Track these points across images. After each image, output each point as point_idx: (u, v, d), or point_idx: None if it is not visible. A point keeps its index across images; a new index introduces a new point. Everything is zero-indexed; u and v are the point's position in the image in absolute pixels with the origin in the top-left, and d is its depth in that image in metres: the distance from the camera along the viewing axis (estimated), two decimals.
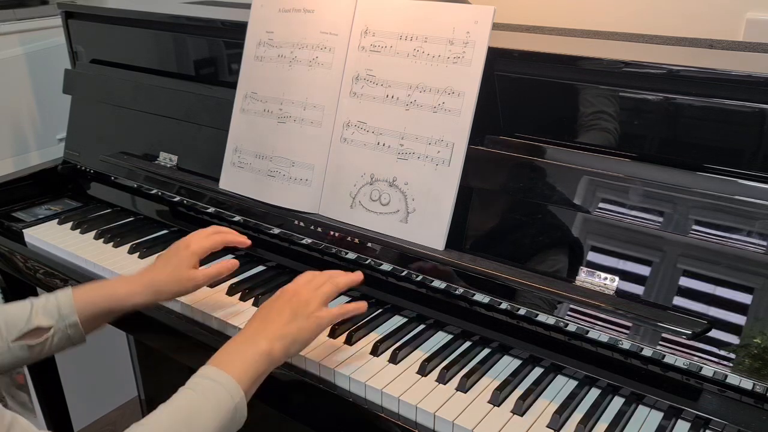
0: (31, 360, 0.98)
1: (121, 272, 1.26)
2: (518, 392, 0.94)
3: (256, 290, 1.18)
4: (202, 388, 0.83)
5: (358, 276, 1.02)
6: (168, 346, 1.21)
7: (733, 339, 0.86)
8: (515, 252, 1.02)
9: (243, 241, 1.13)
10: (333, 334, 1.06)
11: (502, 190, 1.03)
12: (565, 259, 0.98)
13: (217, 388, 0.83)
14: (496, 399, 0.92)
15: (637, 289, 0.93)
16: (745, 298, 0.86)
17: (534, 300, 0.99)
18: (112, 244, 1.38)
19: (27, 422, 0.75)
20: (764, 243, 0.85)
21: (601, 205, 0.95)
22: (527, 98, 1.04)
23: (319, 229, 1.19)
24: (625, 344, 0.92)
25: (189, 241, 1.08)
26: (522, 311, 1.00)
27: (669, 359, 0.90)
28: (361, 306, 0.99)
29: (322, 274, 1.01)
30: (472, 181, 1.04)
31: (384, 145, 1.10)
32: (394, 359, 1.01)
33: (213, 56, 1.43)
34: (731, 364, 0.85)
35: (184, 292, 1.05)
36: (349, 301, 1.16)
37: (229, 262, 1.08)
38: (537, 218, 1.01)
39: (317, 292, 0.96)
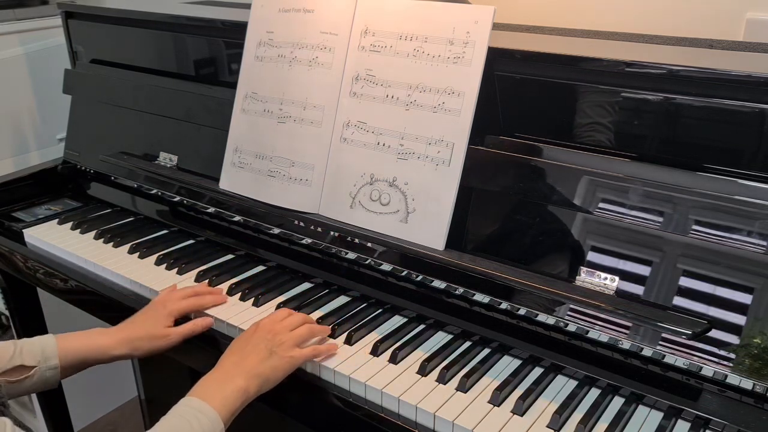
0: (6, 397, 1.01)
1: (121, 272, 1.27)
2: (518, 392, 0.94)
3: (256, 290, 1.18)
4: (190, 417, 0.87)
5: (327, 329, 1.06)
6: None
7: (733, 339, 0.86)
8: (515, 252, 1.02)
9: (220, 300, 1.16)
10: (333, 335, 1.06)
11: (502, 190, 1.03)
12: (565, 259, 0.98)
13: (203, 419, 0.87)
14: (496, 399, 0.92)
15: (637, 289, 0.93)
16: (745, 298, 0.86)
17: (534, 300, 0.99)
18: (112, 244, 1.38)
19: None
20: (764, 243, 0.85)
21: (601, 205, 0.95)
22: (527, 98, 1.04)
23: (319, 229, 1.19)
24: (625, 344, 0.92)
25: (166, 301, 1.11)
26: (522, 311, 1.00)
27: (669, 359, 0.90)
28: (332, 348, 1.02)
29: (297, 314, 1.05)
30: (472, 181, 1.04)
31: (384, 145, 1.10)
32: (394, 359, 1.01)
33: (213, 56, 1.43)
34: (731, 364, 0.85)
35: (157, 349, 1.07)
36: (349, 301, 1.16)
37: (204, 320, 1.10)
38: (537, 218, 1.01)
39: (292, 333, 1.00)
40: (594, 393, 0.95)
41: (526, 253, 1.01)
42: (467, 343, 1.05)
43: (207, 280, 1.22)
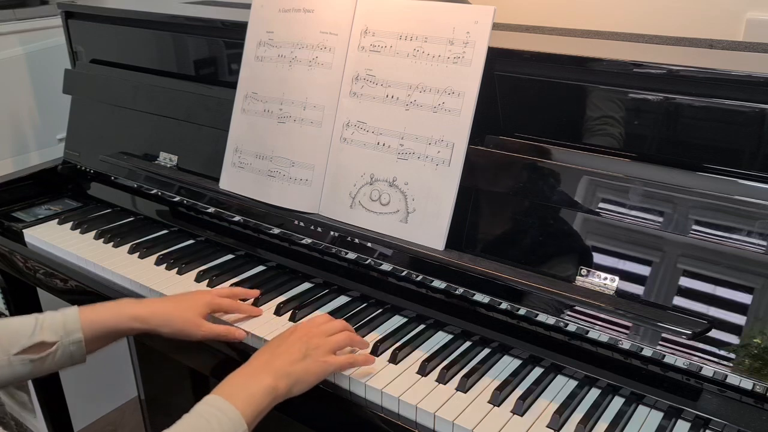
0: (30, 375, 0.98)
1: (121, 272, 1.27)
2: (518, 392, 0.94)
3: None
4: (209, 417, 0.83)
5: (366, 343, 1.03)
6: (168, 346, 1.21)
7: (733, 339, 0.86)
8: (515, 252, 1.02)
9: (255, 313, 1.13)
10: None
11: (502, 190, 1.03)
12: (566, 259, 0.98)
13: (223, 419, 0.83)
14: (496, 399, 0.92)
15: (637, 289, 0.93)
16: (745, 298, 0.86)
17: (534, 300, 0.99)
18: (112, 244, 1.38)
19: None
20: (764, 243, 0.85)
21: (601, 205, 0.95)
22: (527, 98, 1.04)
23: (319, 229, 1.19)
24: (625, 344, 0.92)
25: (208, 293, 1.09)
26: (522, 311, 1.00)
27: (669, 359, 0.90)
28: (370, 359, 0.99)
29: (337, 321, 1.02)
30: (472, 181, 1.04)
31: (384, 145, 1.10)
32: (394, 359, 1.01)
33: (213, 56, 1.44)
34: (731, 364, 0.85)
35: (186, 334, 1.03)
36: (349, 301, 1.16)
37: (237, 332, 1.06)
38: (537, 218, 1.01)
39: (329, 339, 0.97)
40: (594, 393, 0.95)
41: (526, 253, 1.01)
42: (467, 343, 1.05)
43: (207, 280, 1.22)
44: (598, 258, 0.96)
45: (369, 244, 1.13)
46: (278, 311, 1.13)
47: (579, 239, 0.97)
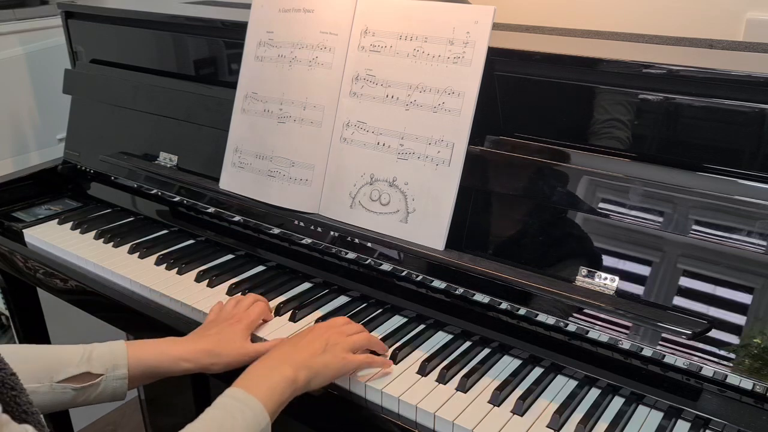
0: (71, 404, 0.96)
1: (121, 272, 1.27)
2: (518, 392, 0.94)
3: (256, 290, 1.18)
4: (233, 409, 0.83)
5: (384, 346, 1.03)
6: None
7: (733, 339, 0.86)
8: (515, 252, 1.02)
9: (269, 317, 1.12)
10: None
11: (502, 190, 1.03)
12: (566, 259, 0.98)
13: (246, 411, 0.83)
14: (496, 399, 0.92)
15: (637, 289, 0.93)
16: (745, 298, 0.86)
17: (534, 300, 0.99)
18: (112, 244, 1.38)
19: None
20: (764, 243, 0.85)
21: (600, 205, 0.95)
22: (527, 98, 1.04)
23: (319, 229, 1.19)
24: (625, 344, 0.92)
25: (239, 315, 1.05)
26: (522, 311, 1.00)
27: (669, 359, 0.90)
28: (387, 363, 0.99)
29: (355, 324, 1.03)
30: (472, 181, 1.04)
31: (384, 145, 1.10)
32: (394, 359, 1.01)
33: (213, 56, 1.44)
34: (731, 364, 0.85)
35: (237, 365, 0.99)
36: (349, 301, 1.17)
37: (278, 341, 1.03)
38: (537, 218, 1.01)
39: (349, 338, 0.98)
40: (594, 393, 0.95)
41: (526, 253, 1.01)
42: (467, 343, 1.05)
43: (207, 280, 1.22)
44: (598, 258, 0.96)
45: (369, 244, 1.13)
46: (278, 311, 1.13)
47: (579, 239, 0.97)
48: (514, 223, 1.03)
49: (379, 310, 1.13)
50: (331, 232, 1.17)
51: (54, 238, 1.40)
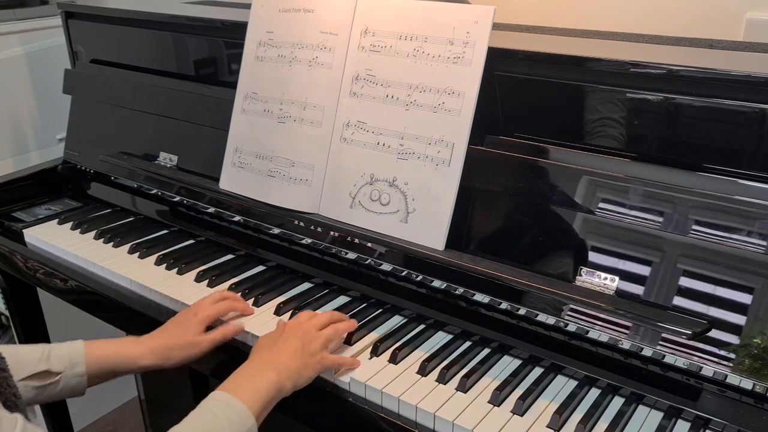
0: (34, 401, 0.99)
1: (121, 272, 1.27)
2: (518, 392, 0.94)
3: (255, 290, 1.18)
4: (218, 411, 0.85)
5: (353, 323, 1.06)
6: None
7: (733, 339, 0.86)
8: (515, 252, 1.02)
9: (249, 311, 1.13)
10: None
11: (502, 190, 1.03)
12: (566, 259, 0.98)
13: (231, 414, 0.85)
14: (496, 399, 0.92)
15: (637, 289, 0.93)
16: (745, 298, 0.86)
17: (534, 300, 0.99)
18: (112, 244, 1.38)
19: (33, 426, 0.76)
20: (764, 243, 0.85)
21: (601, 205, 0.95)
22: (527, 98, 1.04)
23: (319, 229, 1.19)
24: (625, 344, 0.92)
25: (197, 310, 1.09)
26: (522, 311, 1.00)
27: (669, 359, 0.90)
28: (356, 363, 1.01)
29: (322, 314, 1.04)
30: (472, 181, 1.04)
31: (384, 145, 1.10)
32: (394, 359, 1.01)
33: (213, 56, 1.44)
34: (731, 364, 0.85)
35: (190, 358, 1.04)
36: (348, 301, 1.17)
37: (236, 326, 1.08)
38: (537, 218, 1.01)
39: (320, 334, 0.99)
40: (594, 393, 0.95)
41: (526, 253, 1.01)
42: (467, 343, 1.05)
43: (207, 280, 1.22)
44: (598, 258, 0.96)
45: (369, 244, 1.13)
46: (278, 311, 1.13)
47: (579, 239, 0.97)
48: (514, 223, 1.03)
49: (379, 310, 1.13)
50: (331, 232, 1.17)
51: (54, 238, 1.40)
